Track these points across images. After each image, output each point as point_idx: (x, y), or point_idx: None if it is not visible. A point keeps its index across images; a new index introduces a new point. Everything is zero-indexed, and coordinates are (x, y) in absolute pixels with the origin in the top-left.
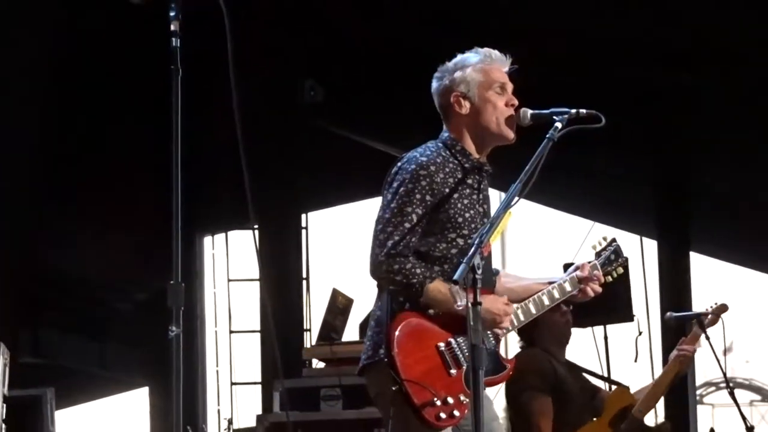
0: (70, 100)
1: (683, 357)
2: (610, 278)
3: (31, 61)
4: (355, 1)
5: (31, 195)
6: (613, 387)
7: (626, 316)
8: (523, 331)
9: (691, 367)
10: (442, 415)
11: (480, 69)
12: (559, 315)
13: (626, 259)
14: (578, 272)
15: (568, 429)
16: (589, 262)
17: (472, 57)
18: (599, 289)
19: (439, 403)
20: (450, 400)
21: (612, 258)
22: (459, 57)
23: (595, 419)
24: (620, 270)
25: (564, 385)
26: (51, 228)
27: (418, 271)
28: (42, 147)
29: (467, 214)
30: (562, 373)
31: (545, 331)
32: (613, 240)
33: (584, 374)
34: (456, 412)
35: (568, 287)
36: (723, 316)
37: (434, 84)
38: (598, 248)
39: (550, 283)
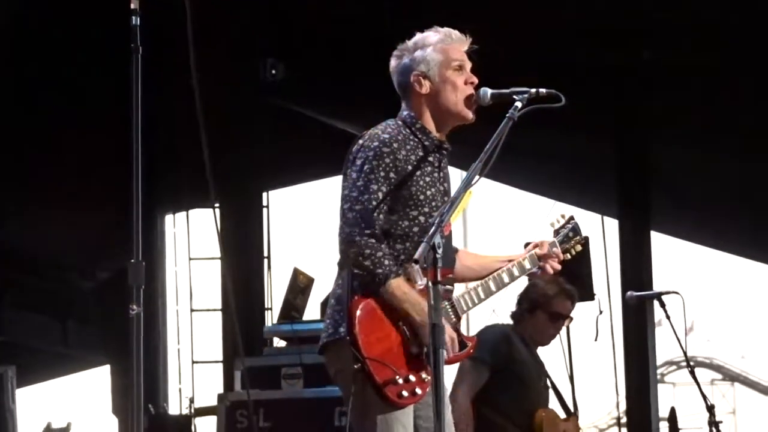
0: (29, 75)
1: None
2: (568, 255)
3: None
4: None
5: None
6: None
7: (587, 295)
8: (519, 304)
9: (652, 345)
10: (404, 393)
11: (440, 48)
12: (551, 327)
13: (586, 238)
14: (537, 249)
15: (524, 407)
16: (549, 241)
17: (432, 36)
18: (558, 267)
19: (401, 381)
20: (412, 378)
21: (570, 235)
22: (419, 36)
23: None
24: (578, 247)
25: (520, 367)
26: (11, 206)
27: (386, 262)
28: (2, 127)
29: (429, 192)
30: (522, 358)
31: (531, 328)
32: (571, 217)
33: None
34: (418, 390)
35: (527, 264)
36: (684, 295)
37: (393, 62)
38: (557, 226)
39: (510, 260)
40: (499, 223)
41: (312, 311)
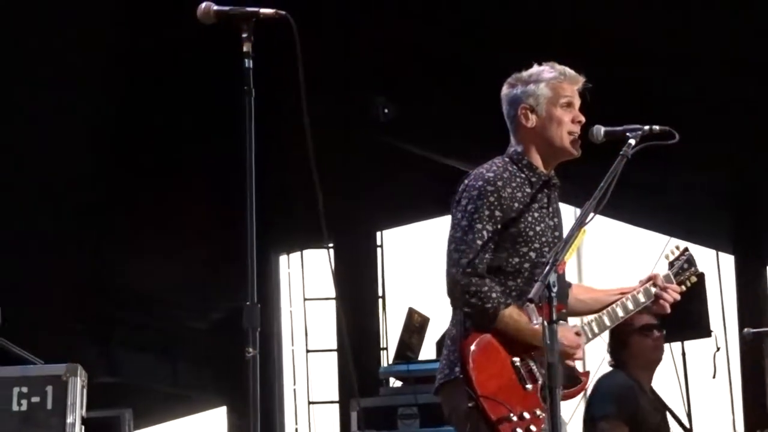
0: (144, 114)
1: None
2: (683, 287)
3: (105, 78)
4: (426, 17)
5: (105, 214)
6: None
7: (703, 331)
8: (613, 352)
9: None
10: (519, 431)
11: (552, 86)
12: (649, 339)
13: (701, 274)
14: (652, 283)
15: None
16: (664, 274)
17: (546, 72)
18: (676, 297)
19: (515, 418)
20: (526, 415)
21: (685, 267)
22: (535, 69)
23: None
24: (693, 279)
25: (642, 417)
26: (126, 246)
27: (493, 295)
28: (115, 165)
29: (538, 228)
30: (644, 405)
31: (632, 355)
32: (686, 249)
33: (665, 410)
34: (533, 427)
35: (641, 298)
36: None
37: (505, 89)
38: (671, 258)
39: (623, 293)
40: (613, 260)
41: (428, 351)
